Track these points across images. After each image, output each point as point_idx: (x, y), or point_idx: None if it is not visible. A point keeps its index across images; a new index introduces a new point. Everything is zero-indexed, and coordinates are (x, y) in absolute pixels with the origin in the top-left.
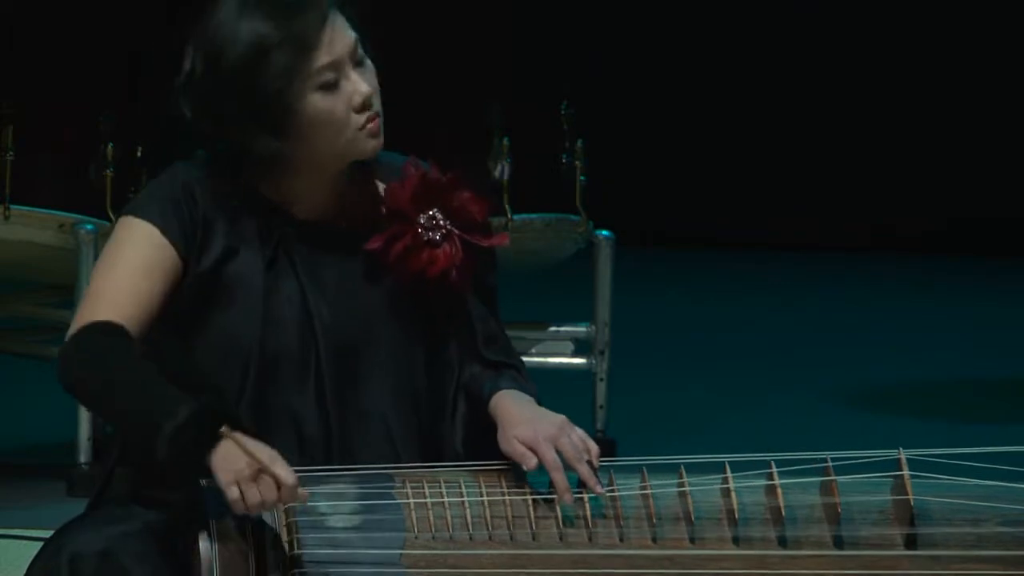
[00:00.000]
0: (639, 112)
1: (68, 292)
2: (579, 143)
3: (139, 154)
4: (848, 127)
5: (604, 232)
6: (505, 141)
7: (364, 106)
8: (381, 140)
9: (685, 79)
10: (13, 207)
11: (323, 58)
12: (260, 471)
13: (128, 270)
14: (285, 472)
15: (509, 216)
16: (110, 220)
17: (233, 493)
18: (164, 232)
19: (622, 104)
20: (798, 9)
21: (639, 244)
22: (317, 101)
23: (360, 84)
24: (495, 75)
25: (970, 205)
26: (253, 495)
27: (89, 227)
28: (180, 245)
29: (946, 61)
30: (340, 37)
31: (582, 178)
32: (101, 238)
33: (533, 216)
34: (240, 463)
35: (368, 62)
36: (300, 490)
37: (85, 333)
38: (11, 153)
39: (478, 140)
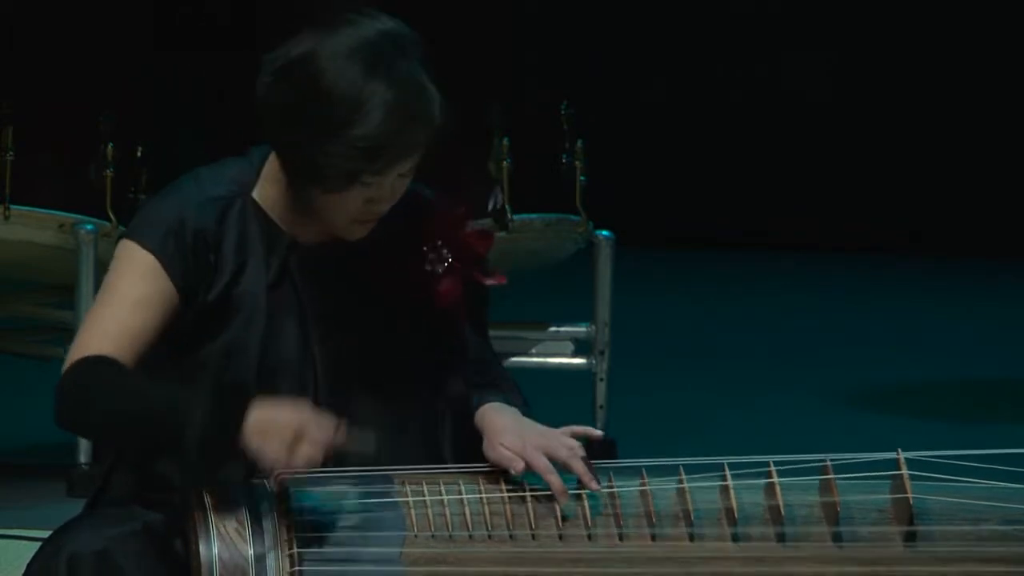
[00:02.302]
0: (639, 112)
1: (68, 292)
2: (579, 143)
3: (139, 154)
4: (848, 127)
5: (604, 232)
6: (505, 141)
7: (373, 212)
8: (363, 235)
9: (685, 79)
10: (13, 207)
11: (388, 169)
12: (297, 434)
13: (122, 304)
14: (318, 429)
15: (509, 216)
16: (110, 220)
17: (285, 462)
18: (163, 264)
19: (622, 104)
20: (797, 11)
21: (639, 244)
22: (347, 189)
23: (385, 196)
24: (495, 75)
25: (970, 205)
26: (303, 456)
27: (89, 227)
28: (178, 278)
29: (946, 60)
30: (411, 160)
31: (582, 178)
32: (101, 238)
33: (533, 216)
34: (280, 432)
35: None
36: (338, 432)
37: (78, 367)
38: (11, 153)
39: (478, 140)
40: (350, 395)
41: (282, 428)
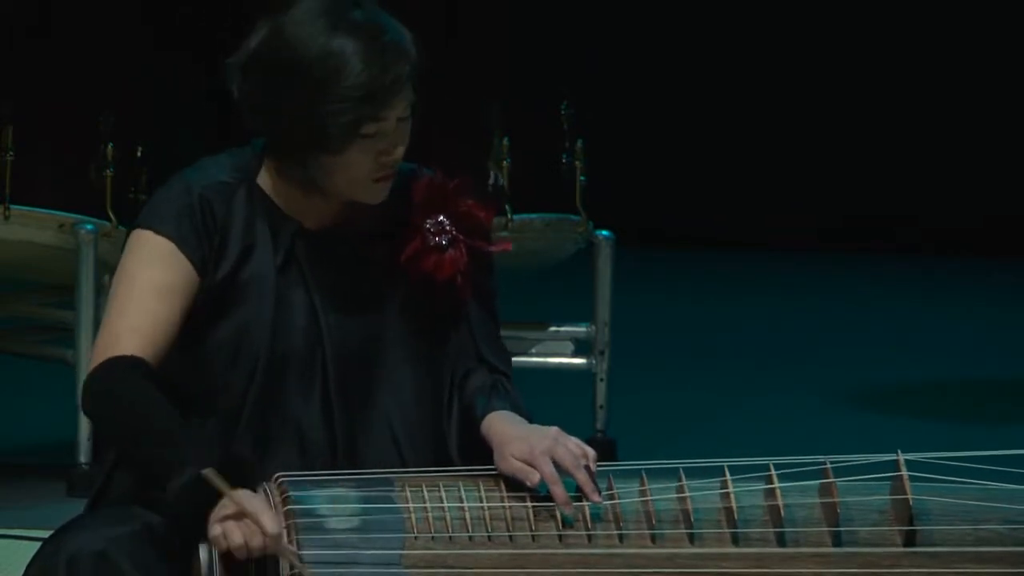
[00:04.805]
0: (639, 112)
1: (68, 292)
2: (579, 143)
3: (139, 154)
4: (848, 127)
5: (604, 232)
6: (505, 141)
7: (387, 164)
8: (385, 195)
9: (684, 79)
10: (13, 207)
11: (382, 114)
12: (242, 513)
13: (147, 295)
14: (270, 522)
15: (509, 216)
16: (110, 220)
17: (214, 531)
18: (181, 247)
19: (622, 104)
20: (797, 8)
21: (639, 244)
22: (354, 144)
23: (396, 145)
24: (494, 75)
25: (970, 205)
26: (235, 536)
27: (89, 227)
28: (196, 259)
29: (947, 60)
30: (403, 98)
31: (582, 178)
32: (101, 238)
33: (533, 216)
34: (225, 505)
35: (410, 116)
36: (287, 545)
37: (107, 369)
38: (11, 153)
39: (478, 140)
40: (361, 383)
41: (230, 501)
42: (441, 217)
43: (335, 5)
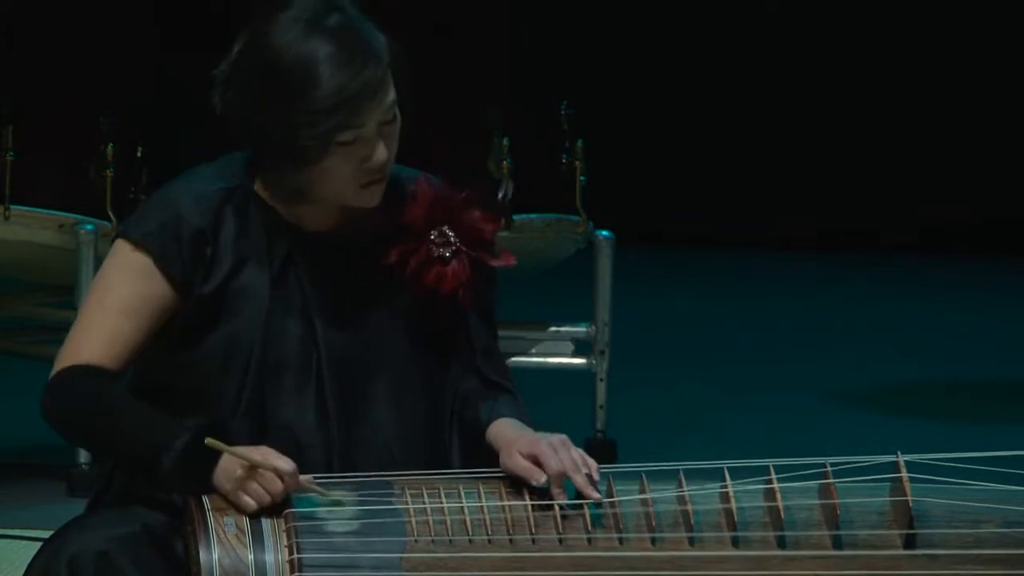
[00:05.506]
0: (639, 112)
1: (68, 292)
2: (579, 143)
3: (139, 154)
4: (848, 127)
5: (604, 232)
6: (505, 141)
7: (372, 170)
8: (378, 199)
9: (685, 79)
10: (13, 207)
11: (356, 120)
12: (252, 468)
13: (116, 308)
14: (282, 462)
15: (509, 216)
16: (110, 220)
17: (241, 500)
18: (161, 264)
19: (622, 104)
20: (797, 10)
21: (639, 244)
22: (332, 153)
23: (379, 152)
24: (494, 76)
25: (969, 205)
26: (256, 491)
27: (89, 227)
28: (177, 277)
29: (946, 60)
30: (380, 102)
31: (582, 178)
32: (101, 238)
33: (533, 216)
34: (235, 468)
35: (397, 118)
36: (302, 477)
37: (67, 376)
38: (11, 153)
39: (478, 141)
40: (357, 389)
41: (239, 463)
42: (445, 228)
43: (313, 12)
